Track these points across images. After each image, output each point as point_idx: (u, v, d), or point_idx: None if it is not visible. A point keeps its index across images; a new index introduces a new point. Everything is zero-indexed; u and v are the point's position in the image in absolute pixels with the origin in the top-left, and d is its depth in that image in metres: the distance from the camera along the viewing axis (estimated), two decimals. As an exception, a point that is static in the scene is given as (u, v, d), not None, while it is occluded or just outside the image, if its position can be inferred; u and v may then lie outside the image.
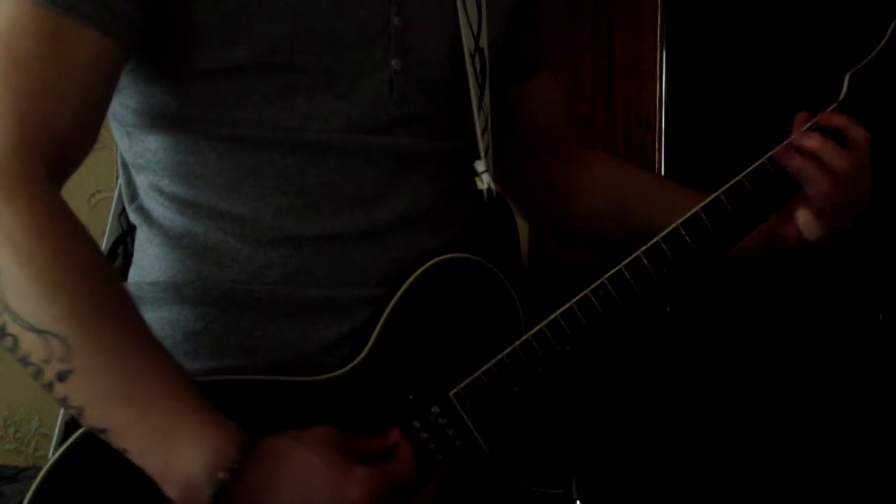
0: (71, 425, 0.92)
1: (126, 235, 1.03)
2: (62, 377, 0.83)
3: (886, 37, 1.07)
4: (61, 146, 0.88)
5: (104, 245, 1.05)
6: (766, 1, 1.85)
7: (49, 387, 0.84)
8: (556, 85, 1.28)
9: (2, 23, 0.87)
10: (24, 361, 0.84)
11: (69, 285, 0.84)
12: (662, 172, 1.83)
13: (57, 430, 0.99)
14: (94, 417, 0.84)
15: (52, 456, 0.89)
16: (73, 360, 0.83)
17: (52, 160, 0.87)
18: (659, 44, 1.83)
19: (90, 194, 2.04)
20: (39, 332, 0.82)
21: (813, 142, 1.05)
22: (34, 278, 0.83)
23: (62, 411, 0.96)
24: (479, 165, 1.08)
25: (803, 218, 1.09)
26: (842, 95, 1.06)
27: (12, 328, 0.83)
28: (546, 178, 1.28)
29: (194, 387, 0.87)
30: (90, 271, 0.86)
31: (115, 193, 1.07)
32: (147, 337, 0.88)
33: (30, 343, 0.83)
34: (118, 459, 0.85)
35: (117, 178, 1.05)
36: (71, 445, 0.88)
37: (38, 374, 0.84)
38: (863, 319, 1.83)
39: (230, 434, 0.85)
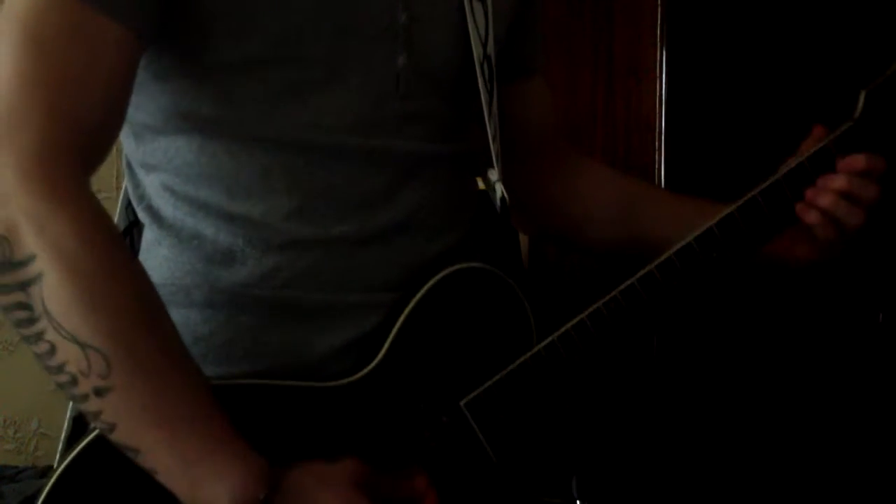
0: (78, 420, 0.91)
1: (133, 227, 1.02)
2: (99, 393, 0.81)
3: None
4: (92, 142, 0.87)
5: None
6: (766, 0, 1.85)
7: (82, 399, 0.82)
8: (547, 89, 1.27)
9: (25, 14, 0.85)
10: (57, 370, 0.81)
11: (115, 300, 0.82)
12: (662, 173, 1.83)
13: (66, 425, 0.98)
14: (125, 436, 0.83)
15: (63, 455, 0.87)
16: (112, 378, 0.81)
17: (85, 157, 0.86)
18: (659, 44, 1.82)
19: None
20: (81, 344, 0.80)
21: (845, 183, 1.02)
22: (81, 289, 0.80)
23: (70, 407, 0.95)
24: (493, 174, 1.08)
25: (813, 238, 1.06)
26: (857, 114, 1.05)
27: (51, 336, 0.80)
28: (538, 183, 1.26)
29: (225, 414, 0.86)
30: (134, 284, 0.85)
31: (122, 191, 1.06)
32: (184, 356, 0.87)
33: (68, 354, 0.80)
34: (130, 463, 0.84)
35: (117, 176, 1.05)
36: (84, 447, 0.87)
37: (70, 384, 0.82)
38: (863, 319, 1.83)
39: (257, 471, 0.84)
